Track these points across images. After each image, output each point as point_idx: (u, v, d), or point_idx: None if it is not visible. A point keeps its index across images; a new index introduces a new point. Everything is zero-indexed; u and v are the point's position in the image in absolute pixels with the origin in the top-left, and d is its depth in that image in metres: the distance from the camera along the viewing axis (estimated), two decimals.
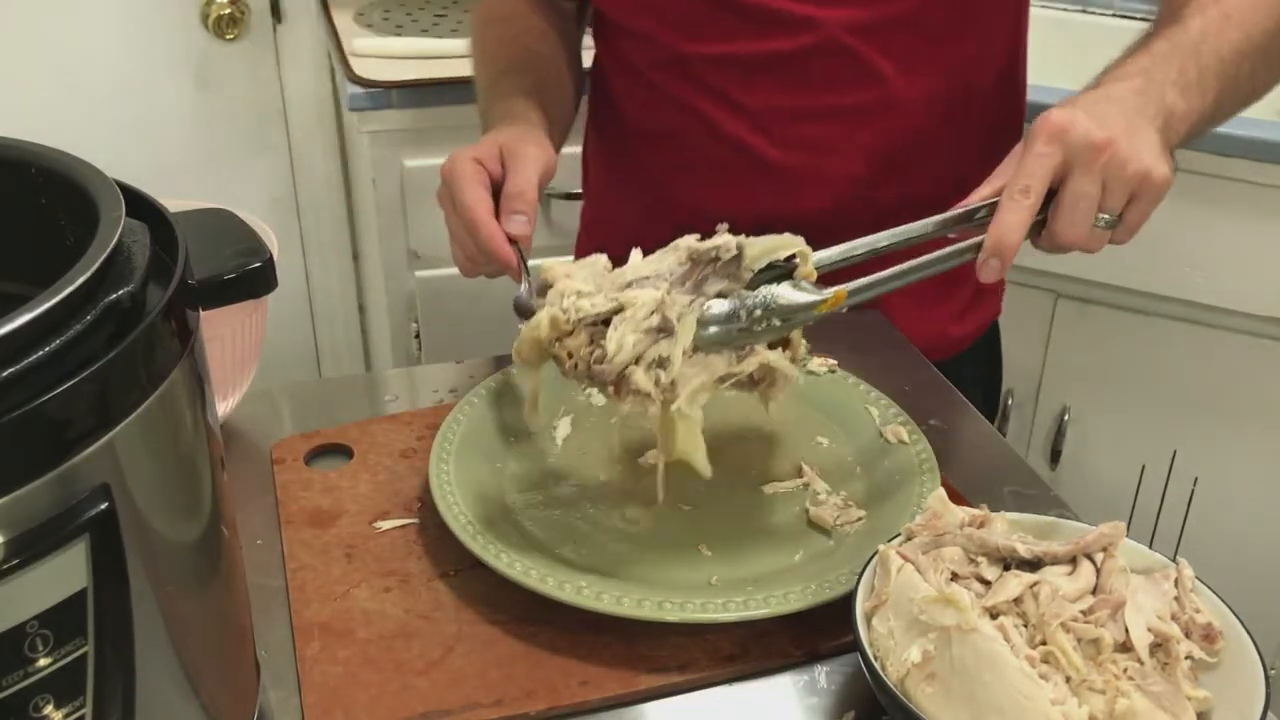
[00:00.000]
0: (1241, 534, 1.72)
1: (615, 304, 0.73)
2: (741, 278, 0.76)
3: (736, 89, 1.01)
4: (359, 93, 1.69)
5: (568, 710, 0.67)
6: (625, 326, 0.72)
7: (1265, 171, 1.53)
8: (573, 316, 0.73)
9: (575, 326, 0.73)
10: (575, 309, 0.73)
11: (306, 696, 0.67)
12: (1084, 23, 1.99)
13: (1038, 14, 1.11)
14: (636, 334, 0.72)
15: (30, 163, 0.53)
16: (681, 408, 0.73)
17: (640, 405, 0.73)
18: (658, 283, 0.74)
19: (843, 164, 1.02)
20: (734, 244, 0.75)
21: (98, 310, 0.45)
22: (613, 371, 0.72)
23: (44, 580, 0.43)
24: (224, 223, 0.60)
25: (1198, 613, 0.65)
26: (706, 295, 0.75)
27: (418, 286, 1.86)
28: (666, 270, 0.76)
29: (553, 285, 0.76)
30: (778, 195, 1.02)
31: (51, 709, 0.45)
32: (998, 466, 0.89)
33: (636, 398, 0.72)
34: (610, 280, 0.76)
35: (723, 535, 0.79)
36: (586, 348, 0.73)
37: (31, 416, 0.41)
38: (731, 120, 1.02)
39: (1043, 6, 1.95)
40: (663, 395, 0.72)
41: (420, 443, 0.88)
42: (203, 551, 0.54)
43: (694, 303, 0.74)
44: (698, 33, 1.00)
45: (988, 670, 0.59)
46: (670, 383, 0.72)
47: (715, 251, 0.75)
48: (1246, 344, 1.64)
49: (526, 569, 0.72)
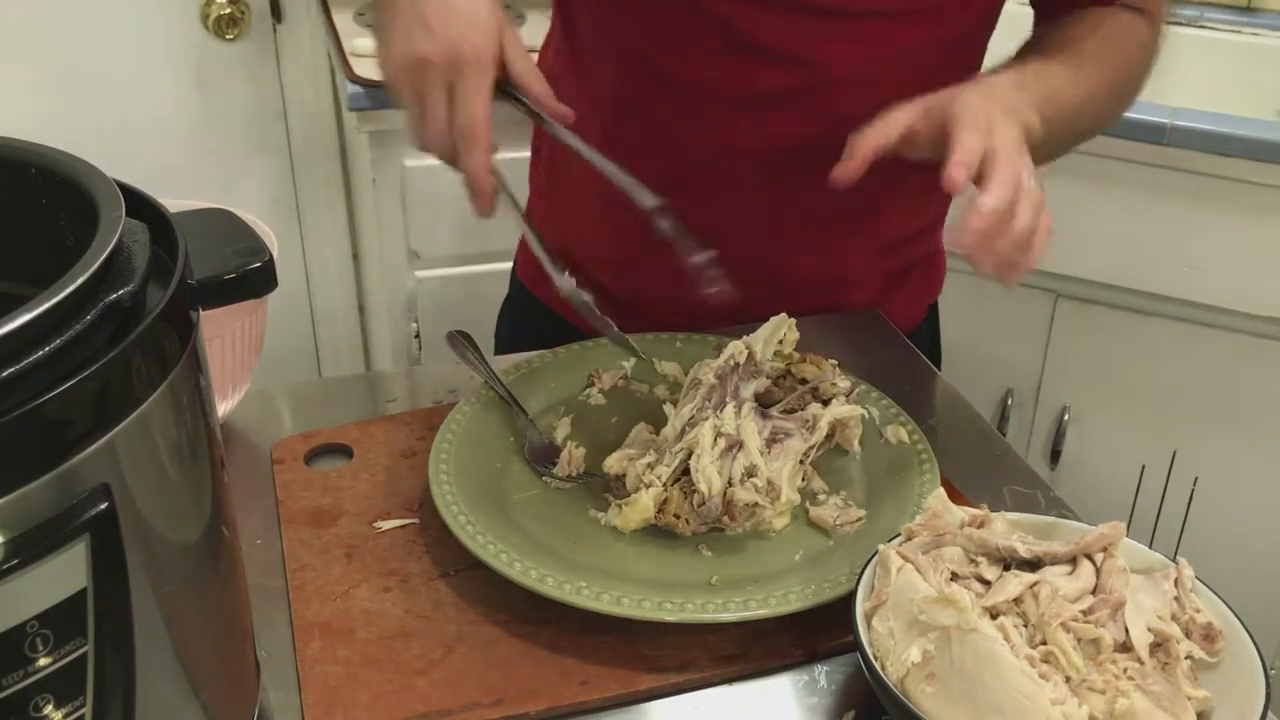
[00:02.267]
0: (1241, 534, 1.72)
1: (684, 452, 0.79)
2: (763, 370, 0.84)
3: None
4: (359, 93, 1.69)
5: (568, 710, 0.67)
6: (703, 463, 0.77)
7: (1265, 171, 1.53)
8: (658, 485, 0.78)
9: (669, 493, 0.78)
10: (658, 478, 0.78)
11: (306, 696, 0.67)
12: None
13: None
14: (715, 463, 0.78)
15: (30, 163, 0.53)
16: (789, 496, 0.79)
17: (756, 516, 0.78)
18: (702, 415, 0.80)
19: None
20: (742, 347, 0.83)
21: (98, 310, 0.45)
22: (718, 505, 0.77)
23: (44, 580, 0.43)
24: (224, 223, 0.60)
25: (1198, 613, 0.65)
26: (747, 399, 0.82)
27: (418, 286, 1.86)
28: (701, 402, 0.82)
29: (623, 475, 0.81)
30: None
31: (51, 709, 0.45)
32: (998, 466, 0.89)
33: (747, 511, 0.77)
34: (662, 441, 0.82)
35: (723, 535, 0.79)
36: (685, 502, 0.78)
37: (31, 416, 0.41)
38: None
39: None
40: (770, 497, 0.78)
41: (420, 443, 0.88)
42: (203, 551, 0.54)
43: (742, 409, 0.80)
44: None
45: (988, 670, 0.59)
46: (768, 483, 0.78)
47: (732, 359, 0.82)
48: (1246, 344, 1.64)
49: (526, 569, 0.72)
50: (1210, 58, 1.94)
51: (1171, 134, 1.54)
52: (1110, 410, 1.76)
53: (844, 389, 0.86)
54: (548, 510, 0.81)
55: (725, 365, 0.83)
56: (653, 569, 0.75)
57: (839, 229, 1.05)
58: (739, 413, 0.80)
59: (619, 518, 0.79)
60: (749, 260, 1.02)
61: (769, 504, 0.78)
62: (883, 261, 1.11)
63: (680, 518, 0.78)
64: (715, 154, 0.99)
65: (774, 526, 0.79)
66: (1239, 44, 1.93)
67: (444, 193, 1.77)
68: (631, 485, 0.80)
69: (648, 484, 0.78)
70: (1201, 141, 1.54)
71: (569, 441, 0.86)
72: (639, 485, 0.79)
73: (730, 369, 0.83)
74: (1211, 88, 1.89)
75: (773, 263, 1.04)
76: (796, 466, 0.81)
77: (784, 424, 0.82)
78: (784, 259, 1.05)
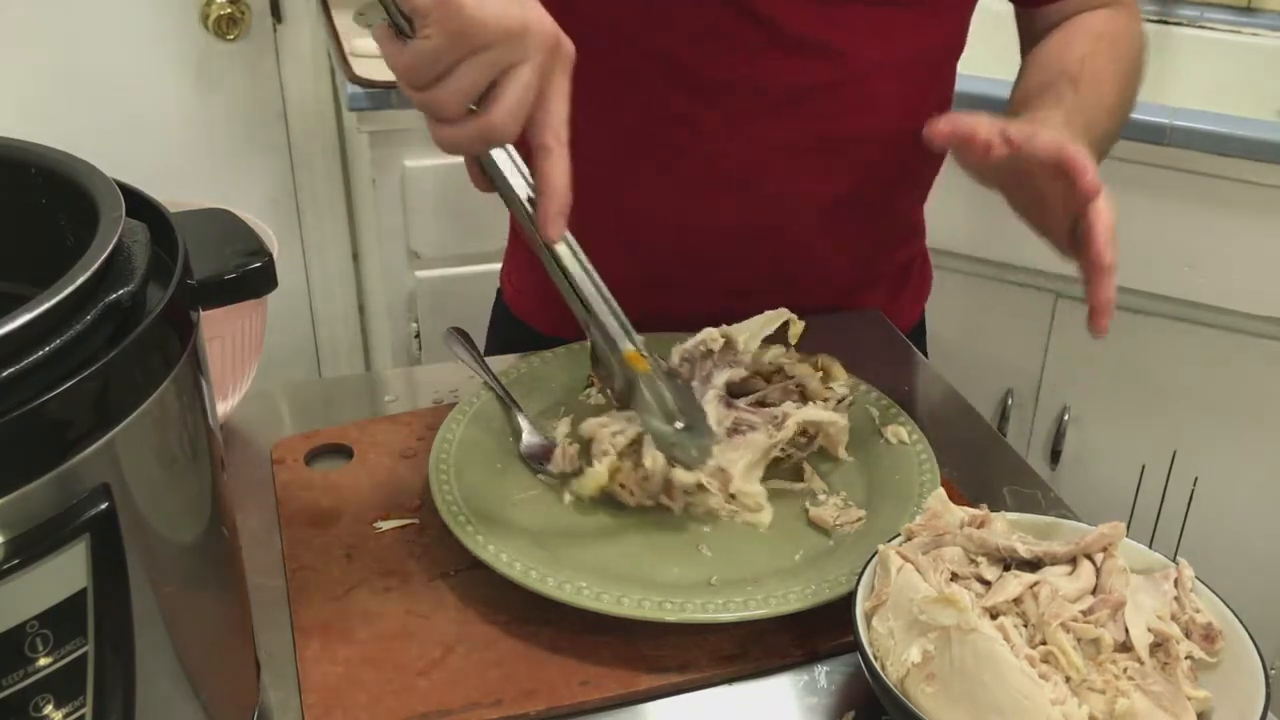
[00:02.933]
0: (1241, 534, 1.72)
1: (617, 429, 0.80)
2: (742, 361, 0.85)
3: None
4: (359, 93, 1.69)
5: (568, 710, 0.67)
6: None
7: (1265, 171, 1.53)
8: (612, 454, 0.79)
9: (623, 463, 0.79)
10: (614, 446, 0.80)
11: (306, 696, 0.67)
12: None
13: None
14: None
15: (30, 163, 0.53)
16: (740, 487, 0.78)
17: (703, 500, 0.79)
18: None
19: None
20: (717, 334, 0.83)
21: (98, 310, 0.45)
22: (658, 482, 0.78)
23: (44, 580, 0.43)
24: (224, 223, 0.60)
25: (1198, 613, 0.65)
26: (716, 386, 0.82)
27: (418, 286, 1.86)
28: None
29: (594, 439, 0.81)
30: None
31: (51, 709, 0.45)
32: (998, 466, 0.89)
33: (690, 495, 0.78)
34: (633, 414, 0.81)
35: (723, 535, 0.79)
36: (635, 473, 0.79)
37: (31, 416, 0.41)
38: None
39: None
40: (718, 483, 0.78)
41: (420, 443, 0.88)
42: (203, 551, 0.54)
43: (708, 395, 0.80)
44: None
45: (988, 670, 0.59)
46: (719, 469, 0.78)
47: (703, 345, 0.83)
48: (1246, 344, 1.64)
49: (526, 569, 0.72)
50: (1210, 58, 1.94)
51: (1171, 134, 1.54)
52: (1110, 410, 1.76)
53: (838, 395, 0.86)
54: (548, 510, 0.81)
55: (694, 349, 0.83)
56: (653, 569, 0.75)
57: (857, 219, 1.06)
58: (701, 397, 0.81)
59: (579, 483, 0.80)
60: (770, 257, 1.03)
61: (715, 490, 0.78)
62: (894, 257, 1.13)
63: (626, 488, 0.79)
64: (744, 149, 0.99)
65: (755, 523, 0.79)
66: (1239, 44, 1.93)
67: (444, 193, 1.77)
68: (596, 452, 0.80)
69: (605, 452, 0.80)
70: (1201, 141, 1.54)
71: (564, 439, 0.86)
72: (600, 453, 0.80)
73: (702, 354, 0.83)
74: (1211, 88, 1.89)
75: (793, 257, 1.05)
76: (758, 461, 0.80)
77: (749, 417, 0.82)
78: (805, 251, 1.05)
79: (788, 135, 0.98)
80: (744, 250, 1.03)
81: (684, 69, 0.96)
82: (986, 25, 1.04)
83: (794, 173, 1.01)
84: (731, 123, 0.98)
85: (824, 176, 1.01)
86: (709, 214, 1.02)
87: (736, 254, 1.03)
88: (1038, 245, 0.87)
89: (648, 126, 1.00)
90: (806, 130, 0.98)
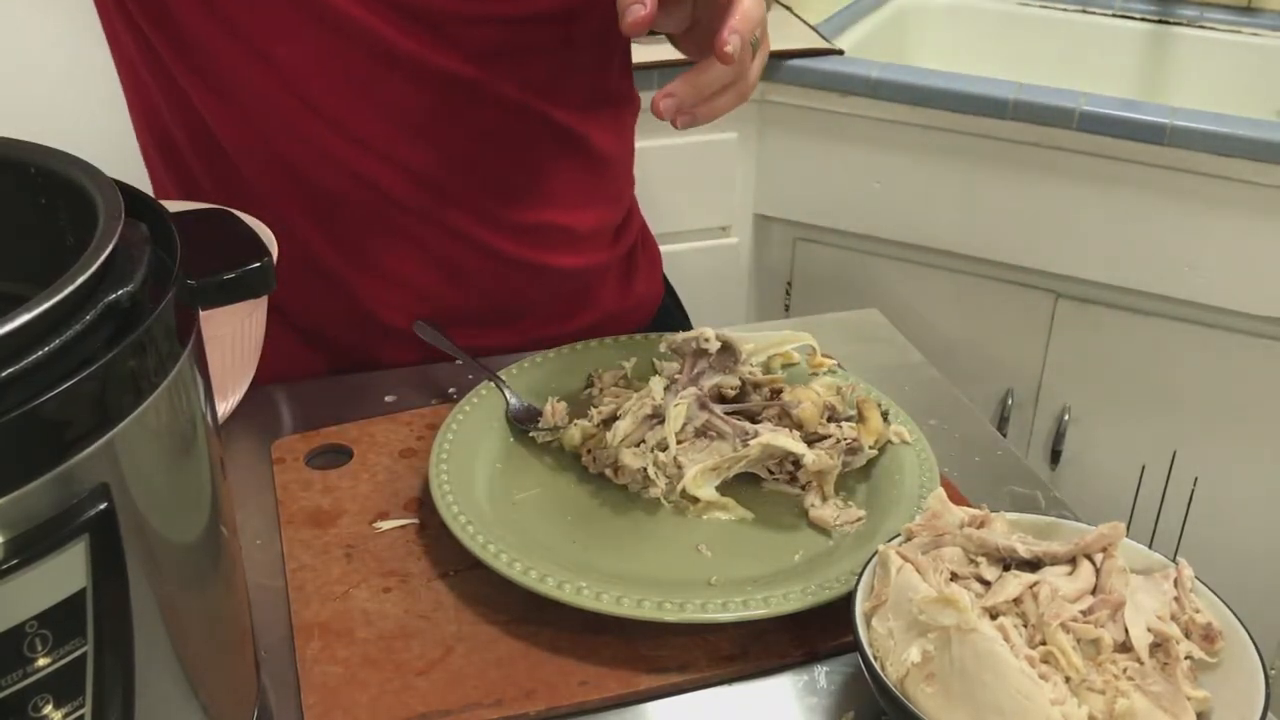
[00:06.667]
0: (1241, 534, 1.72)
1: (616, 404, 0.85)
2: (737, 371, 0.86)
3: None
4: None
5: (568, 710, 0.67)
6: (626, 419, 0.82)
7: (1265, 171, 1.53)
8: (594, 420, 0.85)
9: (598, 430, 0.84)
10: (598, 413, 0.85)
11: (306, 696, 0.67)
12: (1084, 23, 1.99)
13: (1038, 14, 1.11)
14: (633, 423, 0.82)
15: (30, 163, 0.53)
16: (688, 486, 0.80)
17: (643, 484, 0.81)
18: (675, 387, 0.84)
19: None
20: (712, 335, 0.84)
21: (98, 310, 0.45)
22: (610, 455, 0.82)
23: (43, 580, 0.43)
24: (224, 223, 0.60)
25: (1197, 613, 0.65)
26: (702, 389, 0.83)
27: None
28: (671, 373, 0.86)
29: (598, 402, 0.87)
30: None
31: (51, 709, 0.45)
32: (998, 466, 0.89)
33: (633, 476, 0.81)
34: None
35: (723, 535, 0.79)
36: (599, 442, 0.83)
37: (31, 416, 0.41)
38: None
39: (1042, 6, 1.95)
40: (667, 474, 0.80)
41: (420, 443, 0.88)
42: (203, 551, 0.54)
43: (686, 392, 0.83)
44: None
45: (987, 670, 0.59)
46: (674, 462, 0.80)
47: (695, 343, 0.84)
48: (1246, 344, 1.64)
49: (526, 569, 0.72)
50: (1210, 58, 1.94)
51: (1171, 134, 1.54)
52: (1110, 410, 1.76)
53: (826, 433, 0.83)
54: (548, 510, 0.81)
55: (685, 344, 0.85)
56: (653, 569, 0.76)
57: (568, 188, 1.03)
58: (678, 393, 0.83)
59: (565, 434, 0.86)
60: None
61: (662, 481, 0.80)
62: (615, 248, 1.11)
63: (590, 453, 0.84)
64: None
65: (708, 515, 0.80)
66: (1239, 44, 1.93)
67: None
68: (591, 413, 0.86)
69: (588, 418, 0.85)
70: (1201, 141, 1.54)
71: (550, 397, 0.88)
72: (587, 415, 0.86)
73: (694, 351, 0.85)
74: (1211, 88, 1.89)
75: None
76: (717, 468, 0.81)
77: (720, 425, 0.83)
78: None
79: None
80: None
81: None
82: (987, 25, 1.04)
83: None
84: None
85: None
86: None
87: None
88: (1038, 245, 0.87)
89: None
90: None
